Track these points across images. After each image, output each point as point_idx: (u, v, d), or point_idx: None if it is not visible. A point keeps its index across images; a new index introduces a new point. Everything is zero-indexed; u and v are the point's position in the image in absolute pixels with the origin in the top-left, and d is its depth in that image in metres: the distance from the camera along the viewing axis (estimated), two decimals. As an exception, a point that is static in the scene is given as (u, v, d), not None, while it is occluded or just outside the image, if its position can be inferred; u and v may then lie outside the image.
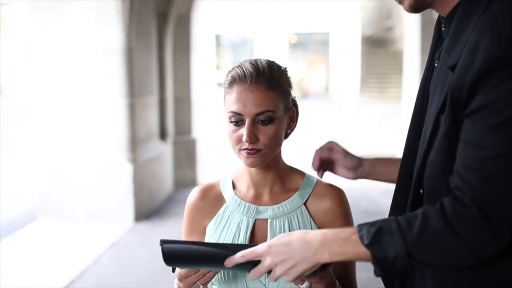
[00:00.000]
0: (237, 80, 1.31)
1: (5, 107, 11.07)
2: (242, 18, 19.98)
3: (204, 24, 9.72)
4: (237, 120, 1.31)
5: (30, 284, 4.20)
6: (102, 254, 4.78)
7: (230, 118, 1.32)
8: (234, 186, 1.44)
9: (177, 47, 7.13)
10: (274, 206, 1.39)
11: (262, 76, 1.30)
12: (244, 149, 1.31)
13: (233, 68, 1.35)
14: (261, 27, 20.22)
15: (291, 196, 1.40)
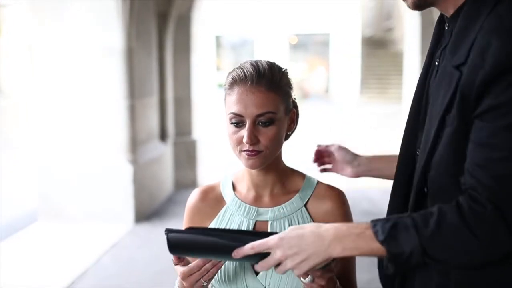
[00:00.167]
0: (237, 81, 1.31)
1: (5, 107, 11.07)
2: (243, 19, 19.99)
3: (204, 24, 9.71)
4: (237, 122, 1.30)
5: (31, 285, 4.19)
6: (103, 255, 4.78)
7: (230, 120, 1.32)
8: (234, 188, 1.44)
9: (177, 47, 7.14)
10: (274, 208, 1.39)
11: (263, 78, 1.30)
12: (244, 150, 1.31)
13: (233, 70, 1.35)
14: (261, 28, 20.24)
15: (292, 198, 1.40)
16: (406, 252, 1.03)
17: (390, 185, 1.36)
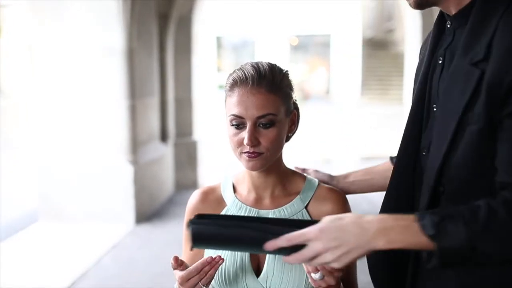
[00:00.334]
0: (238, 83, 1.31)
1: (5, 107, 11.08)
2: (243, 19, 19.98)
3: (205, 25, 9.71)
4: (238, 123, 1.30)
5: (31, 286, 4.19)
6: (103, 256, 4.78)
7: (231, 121, 1.31)
8: (235, 189, 1.44)
9: (178, 48, 7.14)
10: (275, 210, 1.38)
11: (264, 79, 1.30)
12: (245, 152, 1.30)
13: (234, 71, 1.34)
14: (262, 29, 20.23)
15: (292, 200, 1.39)
16: (455, 247, 1.02)
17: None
